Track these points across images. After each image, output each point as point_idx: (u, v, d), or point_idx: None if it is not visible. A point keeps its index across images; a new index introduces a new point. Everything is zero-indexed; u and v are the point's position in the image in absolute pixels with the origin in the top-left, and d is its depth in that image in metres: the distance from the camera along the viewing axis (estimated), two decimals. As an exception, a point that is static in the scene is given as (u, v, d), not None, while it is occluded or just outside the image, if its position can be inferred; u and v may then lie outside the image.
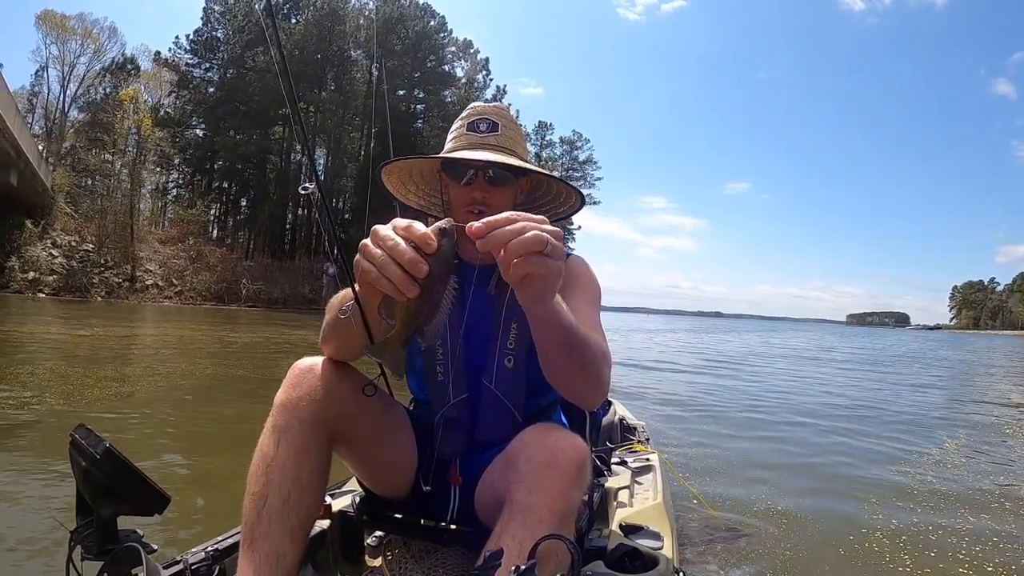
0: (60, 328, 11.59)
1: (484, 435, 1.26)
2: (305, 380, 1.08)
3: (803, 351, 20.27)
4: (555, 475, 0.95)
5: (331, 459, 1.12)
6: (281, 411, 1.07)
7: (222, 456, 3.45)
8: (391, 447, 1.22)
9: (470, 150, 1.23)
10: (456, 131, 1.30)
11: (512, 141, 1.28)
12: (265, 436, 1.06)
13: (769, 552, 2.36)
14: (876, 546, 2.48)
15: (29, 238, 25.99)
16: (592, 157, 53.03)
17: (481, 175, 1.21)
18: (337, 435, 1.11)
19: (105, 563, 0.95)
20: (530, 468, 0.96)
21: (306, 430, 1.05)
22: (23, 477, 2.81)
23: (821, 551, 2.41)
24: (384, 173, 1.34)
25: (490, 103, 1.32)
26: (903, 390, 9.07)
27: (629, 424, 2.55)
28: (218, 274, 31.48)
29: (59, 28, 37.34)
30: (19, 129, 20.81)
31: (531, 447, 1.00)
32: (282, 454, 1.03)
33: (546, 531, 0.87)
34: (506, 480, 1.00)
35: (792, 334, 43.19)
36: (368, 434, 1.17)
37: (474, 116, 1.28)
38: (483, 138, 1.25)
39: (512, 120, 1.30)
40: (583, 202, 1.35)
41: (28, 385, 5.07)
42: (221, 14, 40.62)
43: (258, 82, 36.59)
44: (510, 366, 1.23)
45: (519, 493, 0.94)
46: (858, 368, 13.65)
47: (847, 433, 5.03)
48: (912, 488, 3.37)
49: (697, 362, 12.57)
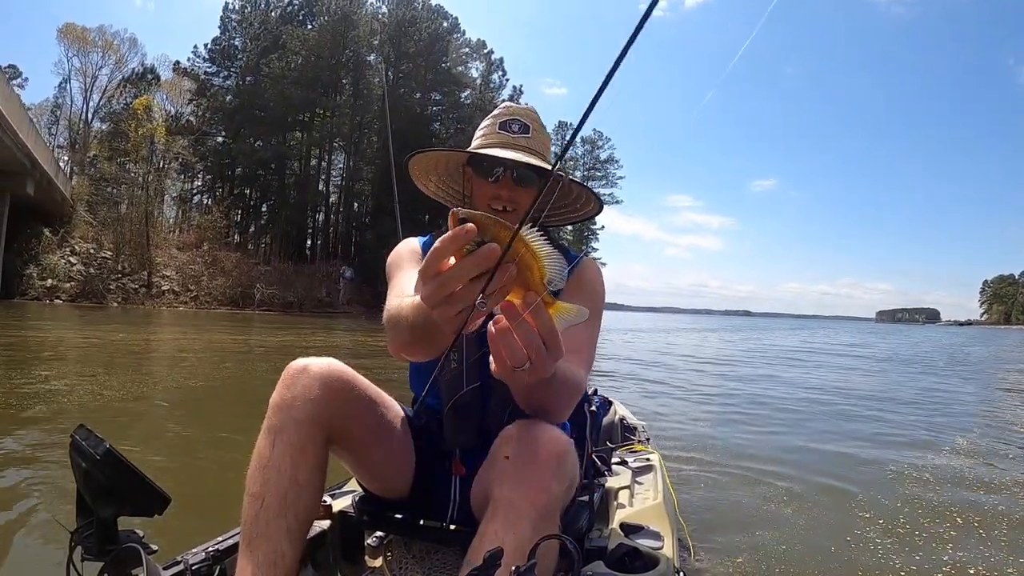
0: (76, 332, 11.86)
1: (495, 424, 1.23)
2: (299, 380, 1.08)
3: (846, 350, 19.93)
4: (535, 469, 0.95)
5: (328, 459, 1.12)
6: (276, 411, 1.07)
7: (223, 456, 3.45)
8: (388, 446, 1.22)
9: (501, 149, 1.25)
10: (487, 128, 1.32)
11: (541, 146, 1.31)
12: (261, 437, 1.07)
13: (770, 552, 2.34)
14: (879, 546, 2.44)
15: (48, 246, 26.58)
16: (613, 156, 52.92)
17: (509, 174, 1.23)
18: (333, 435, 1.11)
19: (105, 564, 0.95)
20: (511, 464, 0.97)
21: (302, 430, 1.05)
22: (23, 477, 2.84)
23: (822, 552, 2.38)
24: (413, 163, 1.39)
25: (523, 106, 1.34)
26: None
27: (629, 424, 2.54)
28: (233, 279, 31.83)
29: (80, 41, 38.24)
30: (33, 140, 21.37)
31: (512, 442, 1.00)
32: (278, 455, 1.03)
33: (527, 526, 0.89)
34: (490, 476, 1.01)
35: (830, 332, 42.40)
36: (364, 433, 1.17)
37: (506, 116, 1.31)
38: (515, 139, 1.28)
39: (542, 125, 1.33)
40: (601, 207, 1.40)
41: (44, 385, 5.18)
42: (238, 22, 41.18)
43: (273, 88, 37.03)
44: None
45: (501, 489, 0.95)
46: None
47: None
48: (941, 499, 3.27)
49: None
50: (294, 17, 41.39)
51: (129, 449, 3.00)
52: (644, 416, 3.25)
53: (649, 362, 11.15)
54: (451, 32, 42.83)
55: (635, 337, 21.82)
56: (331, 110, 39.83)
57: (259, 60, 37.92)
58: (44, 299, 24.91)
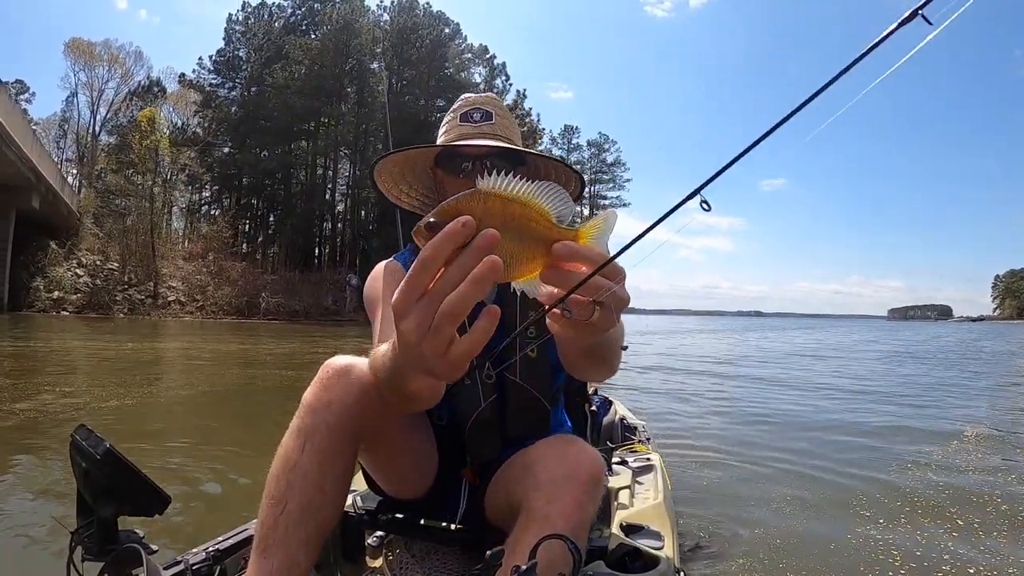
0: (81, 342, 11.97)
1: (515, 430, 1.22)
2: (338, 383, 1.00)
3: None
4: (574, 487, 0.95)
5: (355, 467, 1.06)
6: (309, 412, 0.99)
7: (224, 456, 3.47)
8: (414, 454, 1.19)
9: (465, 140, 1.19)
10: (448, 123, 1.26)
11: (507, 130, 1.24)
12: (289, 437, 1.00)
13: (771, 552, 2.32)
14: (881, 546, 2.42)
15: (54, 259, 26.90)
16: (620, 159, 53.26)
17: (477, 165, 1.15)
18: (363, 442, 1.06)
19: (106, 564, 0.95)
20: (549, 478, 0.96)
21: (334, 435, 0.98)
22: (25, 477, 2.86)
23: (824, 552, 2.35)
24: (377, 174, 1.28)
25: (482, 95, 1.28)
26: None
27: (629, 424, 2.52)
28: (239, 288, 31.98)
29: (87, 55, 38.63)
30: (38, 155, 21.77)
31: (551, 458, 1.00)
32: (306, 460, 0.97)
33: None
34: (523, 487, 0.99)
35: (842, 332, 42.18)
36: (394, 441, 1.14)
37: (466, 107, 1.24)
38: (477, 127, 1.21)
39: (505, 109, 1.27)
40: (583, 186, 1.27)
41: (49, 392, 5.22)
42: (242, 33, 41.56)
43: (277, 98, 37.27)
44: (533, 355, 1.20)
45: (537, 502, 0.94)
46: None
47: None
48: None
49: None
50: (297, 27, 41.74)
51: (130, 448, 3.02)
52: (666, 416, 3.23)
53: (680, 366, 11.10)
54: (452, 38, 43.04)
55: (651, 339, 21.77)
56: (335, 118, 40.02)
57: (262, 70, 38.22)
58: (51, 311, 25.16)
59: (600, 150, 54.74)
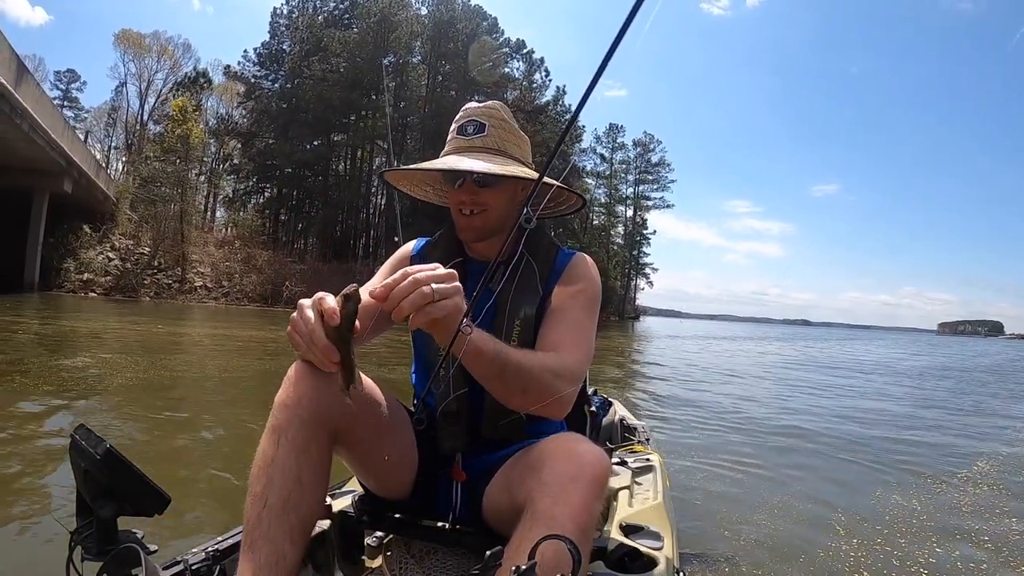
0: (105, 324, 12.38)
1: (490, 432, 1.24)
2: (305, 379, 1.06)
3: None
4: (580, 487, 0.94)
5: (332, 459, 1.11)
6: (281, 410, 1.06)
7: (224, 456, 3.47)
8: (392, 447, 1.21)
9: (456, 154, 1.25)
10: (449, 135, 1.31)
11: (502, 141, 1.27)
12: (265, 436, 1.06)
13: (771, 553, 2.32)
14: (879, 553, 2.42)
15: (87, 241, 27.73)
16: (665, 159, 52.63)
17: (470, 178, 1.22)
18: (338, 435, 1.10)
19: (105, 564, 0.96)
20: (555, 478, 0.95)
21: (306, 429, 1.04)
22: (23, 477, 2.86)
23: (823, 557, 2.35)
24: (393, 178, 1.42)
25: (482, 104, 1.31)
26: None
27: (629, 424, 2.53)
28: (265, 276, 32.29)
29: (136, 46, 39.94)
30: (69, 141, 22.41)
31: (557, 456, 0.99)
32: (282, 454, 1.02)
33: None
34: (527, 486, 0.98)
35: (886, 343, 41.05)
36: (369, 433, 1.17)
37: (463, 119, 1.29)
38: (469, 141, 1.26)
39: (503, 119, 1.29)
40: (584, 201, 1.39)
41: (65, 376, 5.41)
42: (286, 26, 42.28)
43: (314, 90, 37.82)
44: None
45: (543, 502, 0.93)
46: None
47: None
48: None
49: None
50: (339, 20, 42.23)
51: (130, 447, 3.10)
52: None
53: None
54: (490, 32, 42.99)
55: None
56: (373, 111, 40.44)
57: (301, 63, 38.81)
58: (79, 292, 25.92)
59: (645, 150, 54.24)
